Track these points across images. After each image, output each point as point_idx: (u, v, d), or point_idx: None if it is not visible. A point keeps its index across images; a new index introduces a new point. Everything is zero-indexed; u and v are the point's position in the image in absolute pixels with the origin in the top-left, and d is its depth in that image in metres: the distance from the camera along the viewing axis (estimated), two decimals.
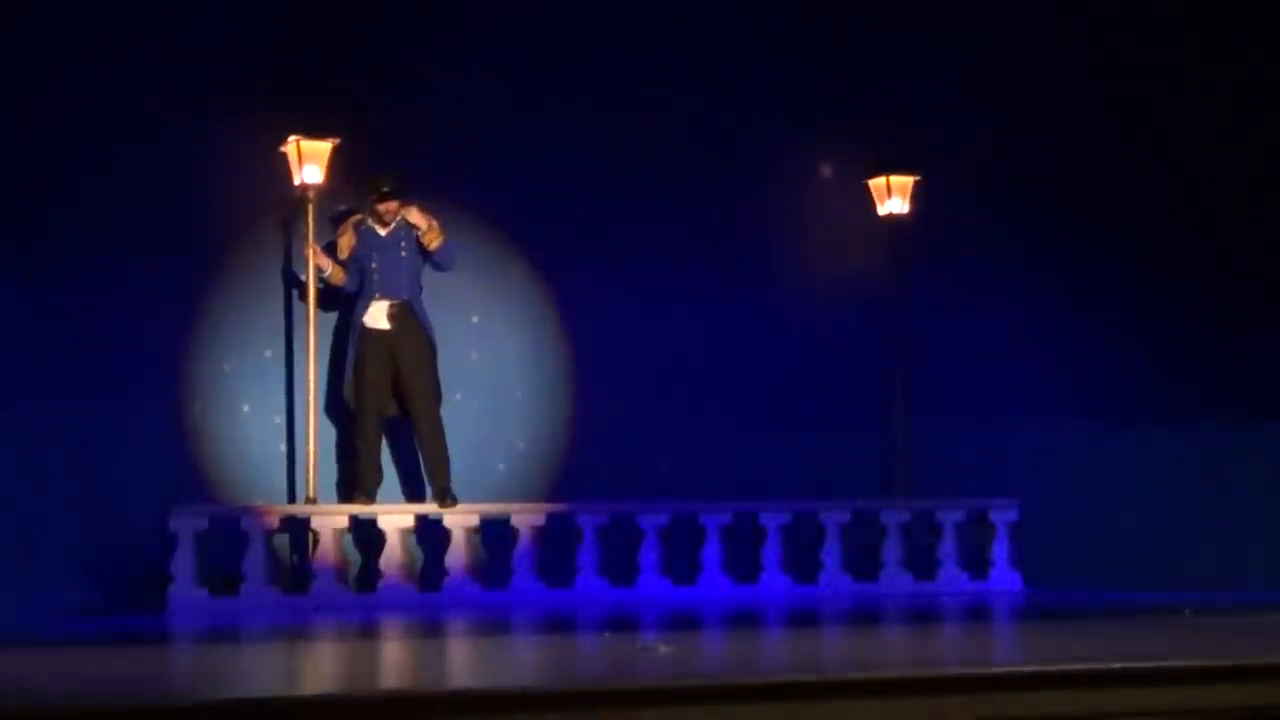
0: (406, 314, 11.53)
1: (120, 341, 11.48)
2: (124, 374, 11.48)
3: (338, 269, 11.61)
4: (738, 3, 12.77)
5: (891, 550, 12.14)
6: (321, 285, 11.60)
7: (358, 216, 11.64)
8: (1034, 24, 13.19)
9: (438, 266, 11.66)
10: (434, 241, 11.53)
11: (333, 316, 11.87)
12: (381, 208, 11.50)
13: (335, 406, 11.79)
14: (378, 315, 11.52)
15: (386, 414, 11.59)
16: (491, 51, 12.27)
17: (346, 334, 11.69)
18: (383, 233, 11.56)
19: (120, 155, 11.49)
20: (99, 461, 11.32)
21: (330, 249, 11.68)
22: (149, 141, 11.50)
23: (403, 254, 11.54)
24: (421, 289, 11.64)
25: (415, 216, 11.51)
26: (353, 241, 11.60)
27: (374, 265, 11.54)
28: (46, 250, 11.44)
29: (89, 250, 11.47)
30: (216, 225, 11.82)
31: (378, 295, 11.53)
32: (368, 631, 9.62)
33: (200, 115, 11.54)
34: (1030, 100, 13.07)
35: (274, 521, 11.25)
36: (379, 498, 11.55)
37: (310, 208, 11.49)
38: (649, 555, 11.75)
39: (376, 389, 11.48)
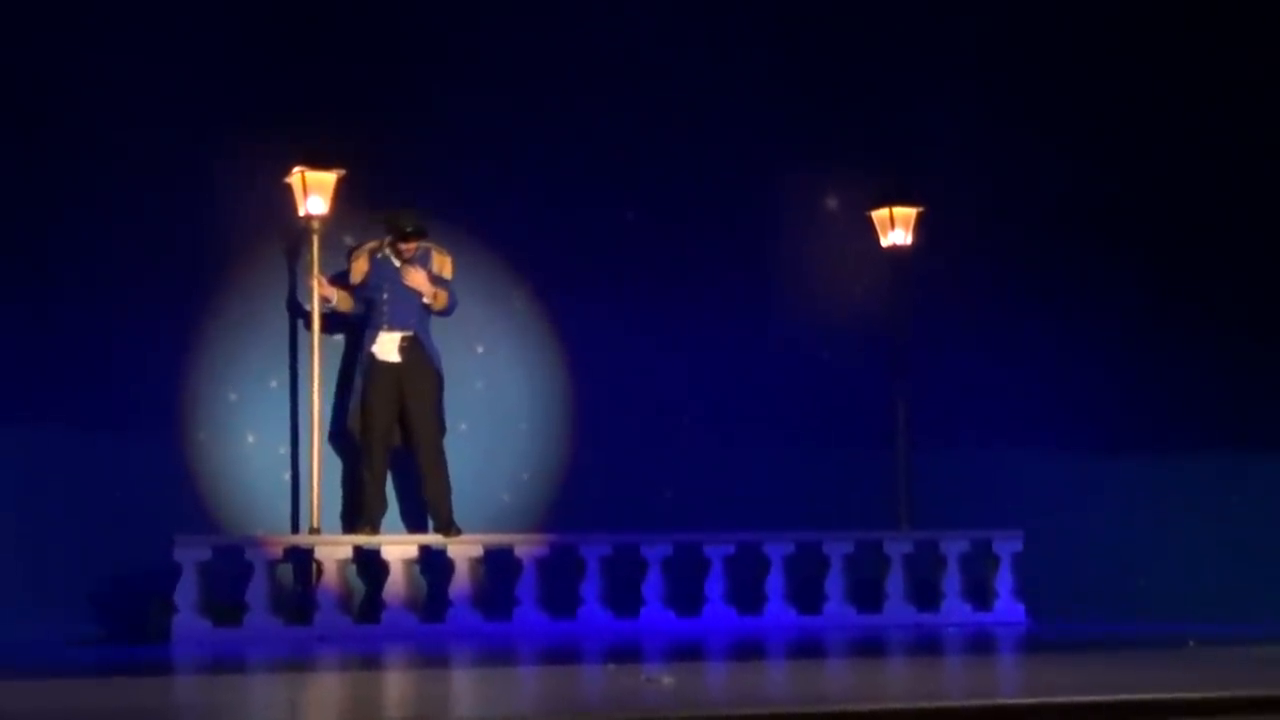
0: (416, 347, 11.55)
1: (124, 371, 11.50)
2: (128, 403, 11.49)
3: (344, 297, 11.63)
4: (742, 35, 12.82)
5: (895, 581, 12.13)
6: (328, 313, 11.60)
7: (374, 244, 11.66)
8: (1037, 57, 13.24)
9: (438, 314, 11.69)
10: (439, 304, 11.56)
11: (338, 345, 11.90)
12: (403, 246, 11.53)
13: (340, 436, 11.80)
14: (388, 347, 11.53)
15: (392, 445, 11.60)
16: (496, 83, 12.31)
17: (353, 363, 11.70)
18: (398, 264, 11.59)
19: (124, 184, 11.52)
20: (103, 491, 11.32)
21: (340, 278, 11.71)
22: (153, 171, 11.53)
23: None
24: (430, 319, 11.66)
25: (420, 282, 11.50)
26: (366, 268, 11.62)
27: (385, 296, 11.55)
28: (51, 280, 11.46)
29: (94, 279, 11.49)
30: (221, 255, 11.84)
31: (387, 326, 11.54)
32: (371, 662, 9.61)
33: (205, 146, 11.58)
34: (1032, 133, 13.11)
35: (278, 551, 11.24)
36: (383, 528, 11.55)
37: (315, 238, 11.51)
38: (653, 586, 11.75)
39: (383, 420, 11.50)
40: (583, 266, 12.42)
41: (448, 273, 11.69)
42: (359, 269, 11.64)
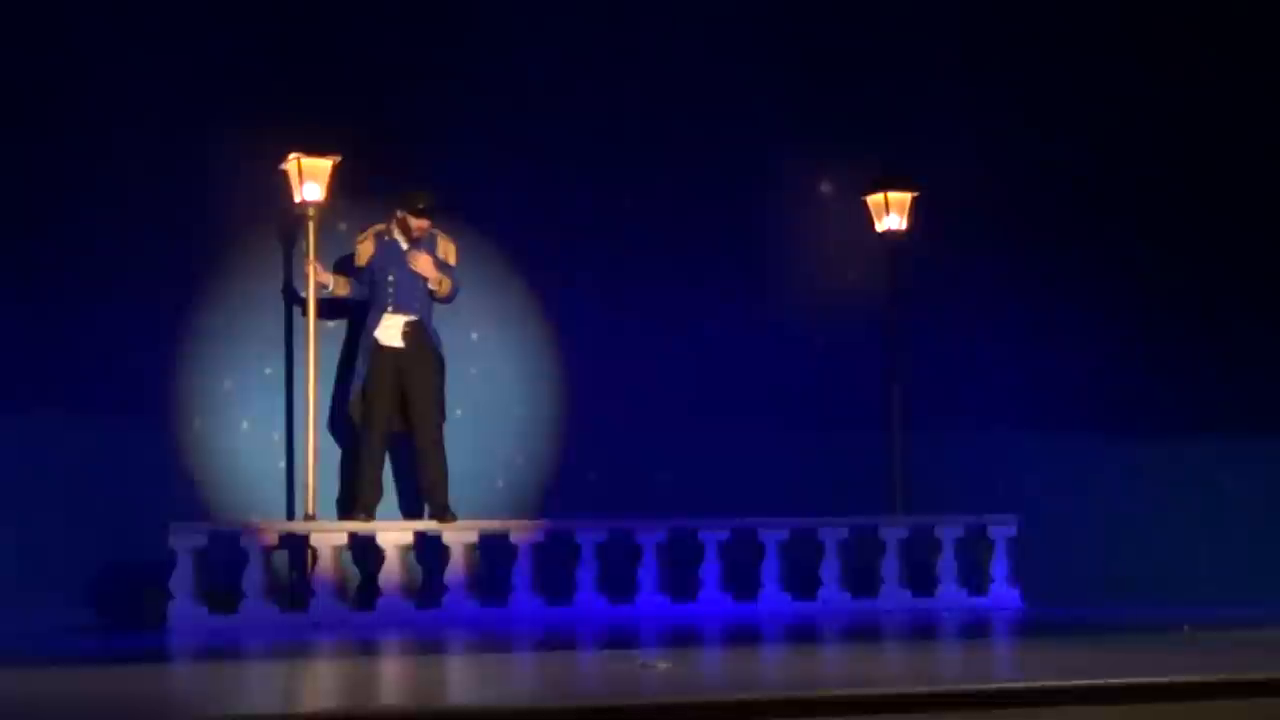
0: (419, 331, 11.55)
1: (119, 358, 11.49)
2: (123, 391, 11.48)
3: (341, 281, 11.62)
4: (736, 20, 12.80)
5: (890, 566, 12.15)
6: (325, 298, 11.59)
7: (380, 226, 11.65)
8: (1033, 41, 13.24)
9: (441, 301, 11.69)
10: (443, 290, 11.55)
11: (334, 332, 11.89)
12: (415, 223, 11.51)
13: (335, 423, 11.80)
14: (391, 331, 11.51)
15: (392, 430, 11.59)
16: (492, 70, 12.30)
17: (353, 349, 11.69)
18: (405, 246, 11.58)
19: (119, 171, 11.50)
20: (98, 479, 11.30)
21: (340, 264, 11.69)
22: (149, 158, 11.51)
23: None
24: (433, 305, 11.66)
25: (426, 266, 11.49)
26: (372, 250, 11.60)
27: (390, 278, 11.53)
28: (46, 267, 11.45)
29: (89, 267, 11.48)
30: (217, 242, 11.83)
31: (391, 309, 11.52)
32: (367, 649, 9.62)
33: (201, 132, 11.56)
34: (1027, 116, 13.12)
35: (273, 538, 11.24)
36: (377, 514, 11.54)
37: (311, 225, 11.49)
38: (648, 572, 11.75)
39: (385, 405, 11.48)
40: (578, 252, 12.42)
41: (452, 259, 11.69)
42: (364, 251, 11.63)
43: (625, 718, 6.06)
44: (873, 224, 12.83)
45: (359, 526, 11.39)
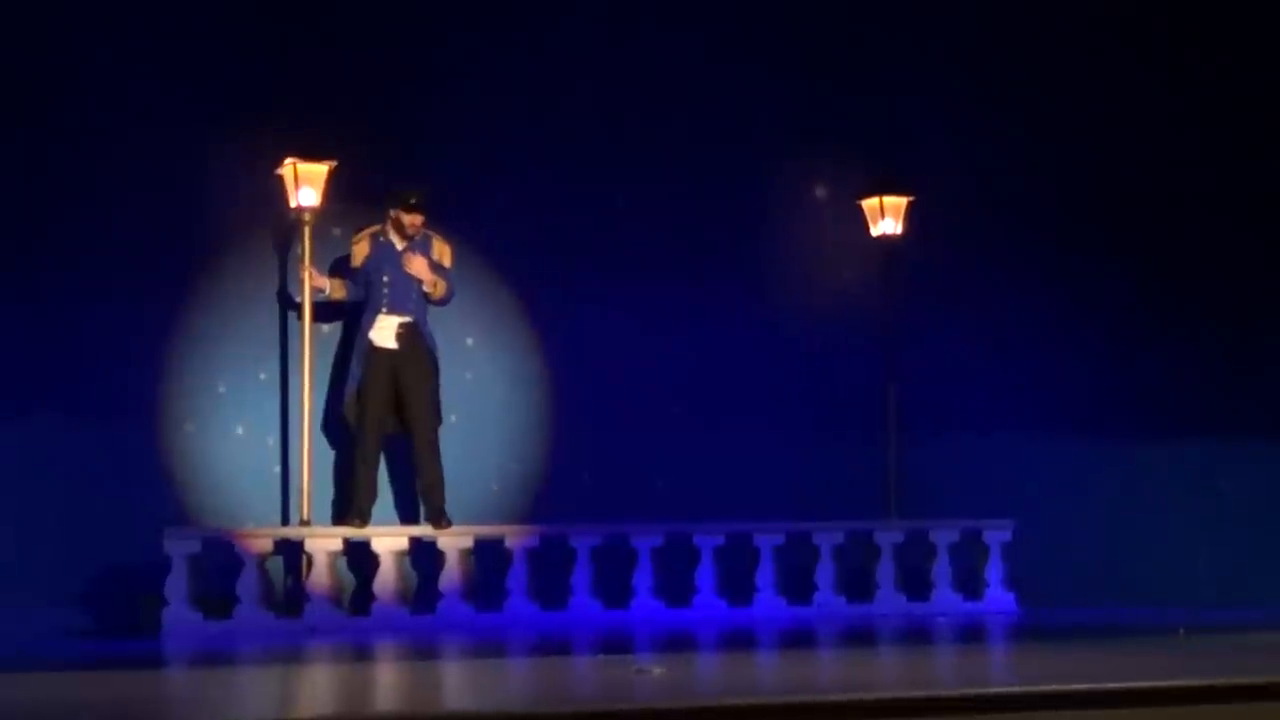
0: (414, 333, 11.53)
1: (114, 363, 11.47)
2: (118, 396, 11.47)
3: (337, 285, 11.61)
4: (731, 25, 12.80)
5: (885, 571, 12.14)
6: (321, 302, 11.58)
7: (376, 227, 11.64)
8: (1026, 46, 13.24)
9: (435, 303, 11.68)
10: (438, 292, 11.54)
11: (328, 336, 11.88)
12: (407, 219, 11.49)
13: (330, 428, 11.78)
14: (386, 333, 11.49)
15: (386, 431, 11.57)
16: (487, 77, 12.29)
17: (348, 350, 11.67)
18: (400, 247, 11.56)
19: (116, 176, 11.48)
20: (92, 484, 11.28)
21: (339, 265, 11.68)
22: (146, 161, 11.50)
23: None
24: (428, 307, 11.64)
25: (421, 268, 11.48)
26: (367, 251, 11.58)
27: (386, 279, 11.50)
28: (40, 271, 11.43)
29: (84, 271, 11.46)
30: (213, 247, 11.82)
31: (386, 309, 11.50)
32: (361, 654, 9.61)
33: (197, 138, 11.54)
34: (1022, 122, 13.12)
35: (267, 544, 11.22)
36: (373, 519, 11.52)
37: (306, 230, 11.47)
38: (643, 577, 11.74)
39: (379, 407, 11.45)
40: (573, 257, 12.39)
41: (447, 261, 11.67)
42: (360, 252, 11.61)
43: None
44: (868, 228, 12.83)
45: (354, 532, 11.36)
